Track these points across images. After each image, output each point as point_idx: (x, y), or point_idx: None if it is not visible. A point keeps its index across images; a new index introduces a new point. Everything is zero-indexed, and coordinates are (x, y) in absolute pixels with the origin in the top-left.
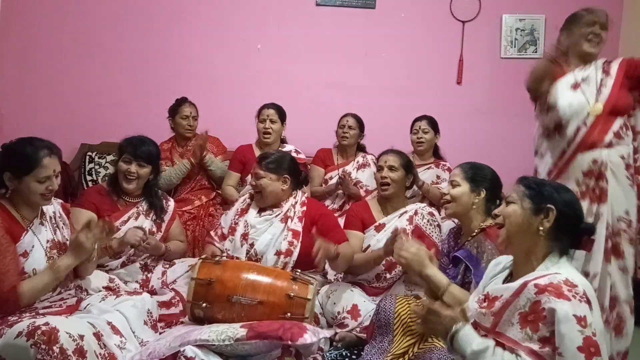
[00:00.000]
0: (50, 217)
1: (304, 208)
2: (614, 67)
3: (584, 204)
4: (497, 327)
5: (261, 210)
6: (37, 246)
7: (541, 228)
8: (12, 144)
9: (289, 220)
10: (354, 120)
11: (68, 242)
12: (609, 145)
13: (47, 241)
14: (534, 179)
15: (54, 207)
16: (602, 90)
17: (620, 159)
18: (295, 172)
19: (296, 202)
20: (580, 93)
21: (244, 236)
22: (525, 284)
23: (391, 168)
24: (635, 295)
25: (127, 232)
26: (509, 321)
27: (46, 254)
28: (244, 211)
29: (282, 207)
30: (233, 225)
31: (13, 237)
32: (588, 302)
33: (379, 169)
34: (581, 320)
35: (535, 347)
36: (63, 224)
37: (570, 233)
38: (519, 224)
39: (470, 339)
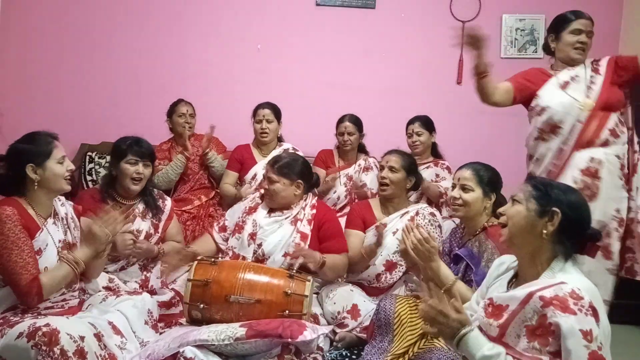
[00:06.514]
0: (63, 218)
1: (314, 211)
2: (603, 65)
3: None
4: (503, 337)
5: (271, 211)
6: (50, 244)
7: (545, 231)
8: (18, 142)
9: (299, 222)
10: (352, 126)
11: (79, 239)
12: (606, 143)
13: (59, 241)
14: (542, 179)
15: (66, 209)
16: (592, 87)
17: (617, 158)
18: (308, 176)
19: (306, 205)
20: (570, 91)
21: (252, 236)
22: (530, 295)
23: (391, 169)
24: (635, 295)
25: (117, 240)
26: (516, 333)
27: (58, 253)
28: (252, 210)
29: (293, 209)
30: (240, 223)
31: (29, 234)
32: (594, 313)
33: (381, 168)
34: (587, 335)
35: None
36: (74, 225)
37: (575, 238)
38: (522, 225)
39: (480, 342)
